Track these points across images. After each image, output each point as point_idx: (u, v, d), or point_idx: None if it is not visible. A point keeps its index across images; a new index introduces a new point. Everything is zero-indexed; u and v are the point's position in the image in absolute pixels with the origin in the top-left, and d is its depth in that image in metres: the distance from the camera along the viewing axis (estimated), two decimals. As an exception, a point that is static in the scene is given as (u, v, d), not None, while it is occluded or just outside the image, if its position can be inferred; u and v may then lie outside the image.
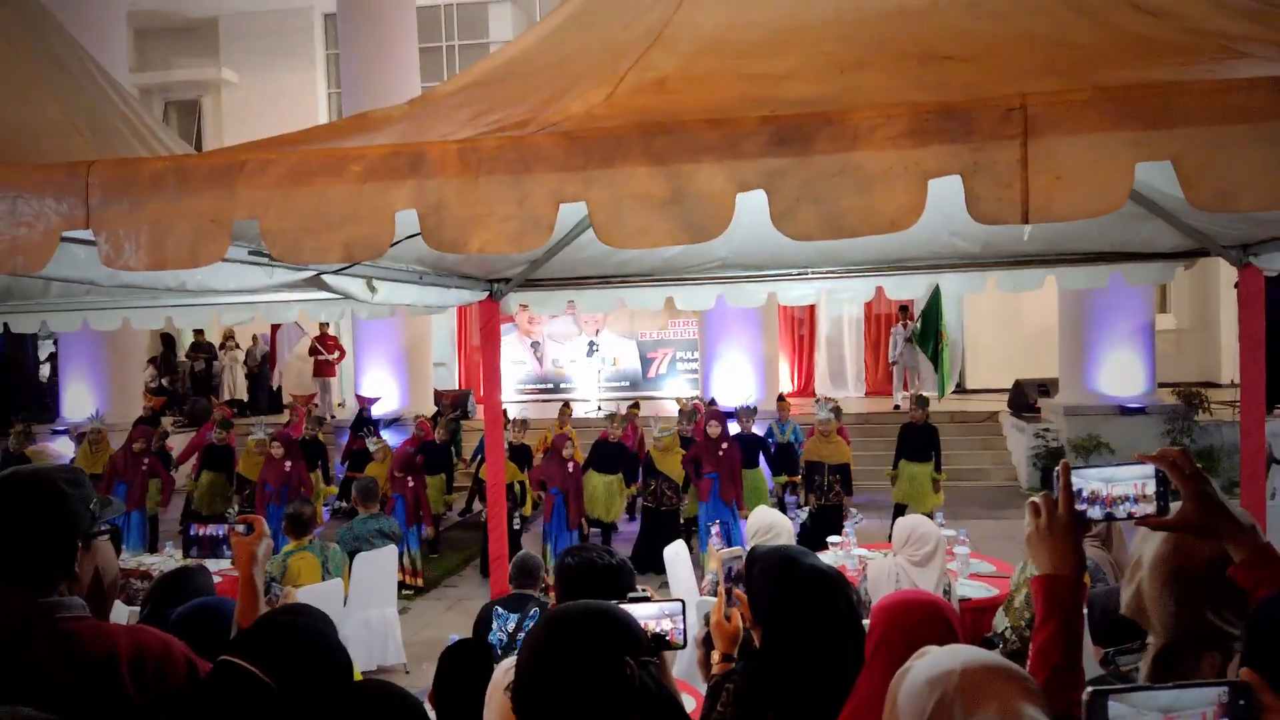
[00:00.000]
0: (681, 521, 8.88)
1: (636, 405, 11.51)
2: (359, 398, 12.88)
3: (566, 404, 11.36)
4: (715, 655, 2.34)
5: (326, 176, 2.04)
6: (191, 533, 2.23)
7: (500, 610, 4.37)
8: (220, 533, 2.19)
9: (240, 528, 2.13)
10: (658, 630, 1.97)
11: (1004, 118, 1.74)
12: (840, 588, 2.08)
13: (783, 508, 9.04)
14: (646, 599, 2.09)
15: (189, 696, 1.61)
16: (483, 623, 4.37)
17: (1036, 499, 1.60)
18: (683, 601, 2.06)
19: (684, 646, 2.04)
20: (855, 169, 1.85)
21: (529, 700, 1.40)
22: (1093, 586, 3.73)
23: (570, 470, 8.59)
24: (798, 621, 2.02)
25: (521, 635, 4.39)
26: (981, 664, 1.24)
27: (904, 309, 15.01)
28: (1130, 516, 1.56)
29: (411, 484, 9.02)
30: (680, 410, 9.72)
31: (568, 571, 2.30)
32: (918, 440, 9.07)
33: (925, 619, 1.84)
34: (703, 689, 2.42)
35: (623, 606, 1.65)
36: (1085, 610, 1.64)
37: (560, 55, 2.80)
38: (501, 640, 4.37)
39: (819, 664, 1.99)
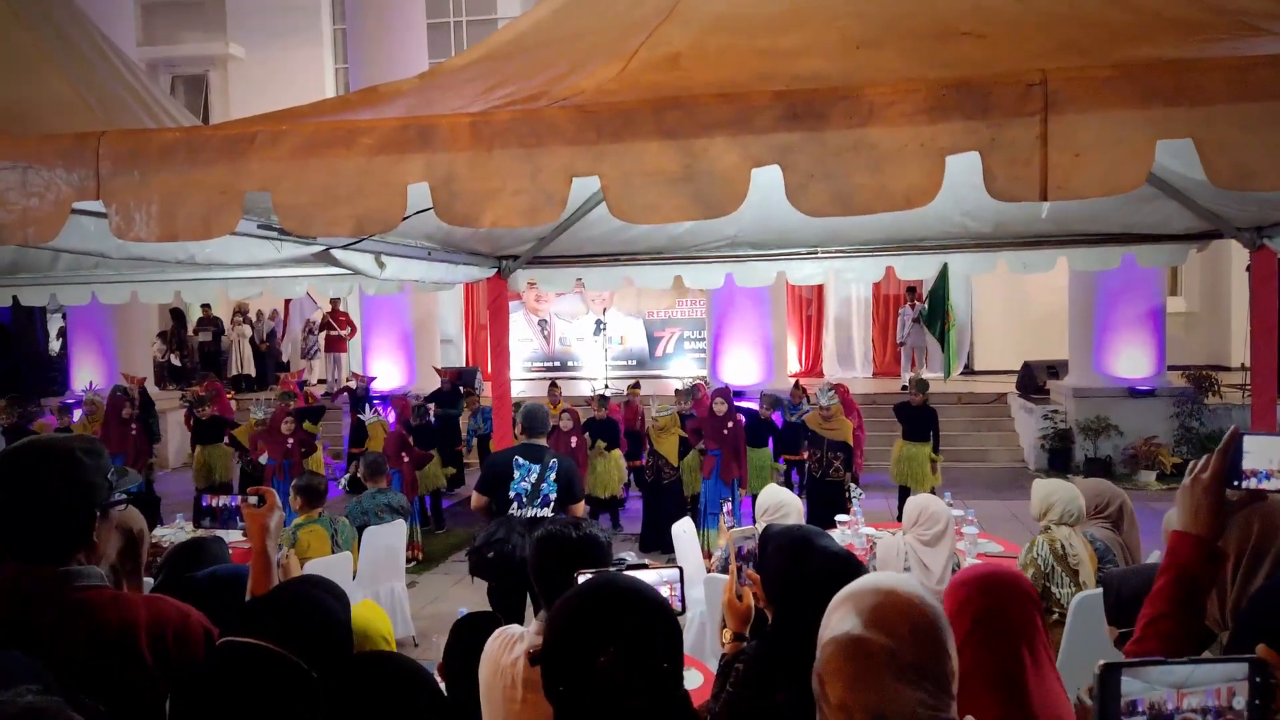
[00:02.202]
0: (687, 496, 8.91)
1: (637, 385, 11.52)
2: (354, 375, 12.96)
3: (554, 383, 11.40)
4: (726, 634, 2.34)
5: (338, 149, 2.03)
6: (204, 504, 2.24)
7: (520, 460, 4.69)
8: (233, 503, 2.19)
9: (253, 499, 2.14)
10: None
11: (1024, 94, 1.72)
12: (854, 570, 2.07)
13: (789, 487, 9.05)
14: (644, 566, 2.11)
15: (198, 677, 1.62)
16: (501, 470, 4.62)
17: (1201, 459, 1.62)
18: (680, 569, 2.09)
19: (682, 612, 2.08)
20: (870, 145, 1.83)
21: (555, 674, 1.41)
22: (1102, 569, 3.73)
23: (574, 445, 8.67)
24: (810, 603, 2.01)
25: (544, 486, 4.74)
26: (863, 632, 1.26)
27: (911, 290, 14.95)
28: None
29: (406, 460, 9.11)
30: (677, 390, 9.71)
31: (543, 544, 2.31)
32: (916, 421, 9.10)
33: (1019, 598, 1.77)
34: (711, 664, 2.43)
35: (634, 575, 1.67)
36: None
37: (571, 31, 2.78)
38: (525, 489, 4.68)
39: None
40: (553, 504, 4.83)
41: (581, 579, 2.01)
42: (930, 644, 1.25)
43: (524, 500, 4.72)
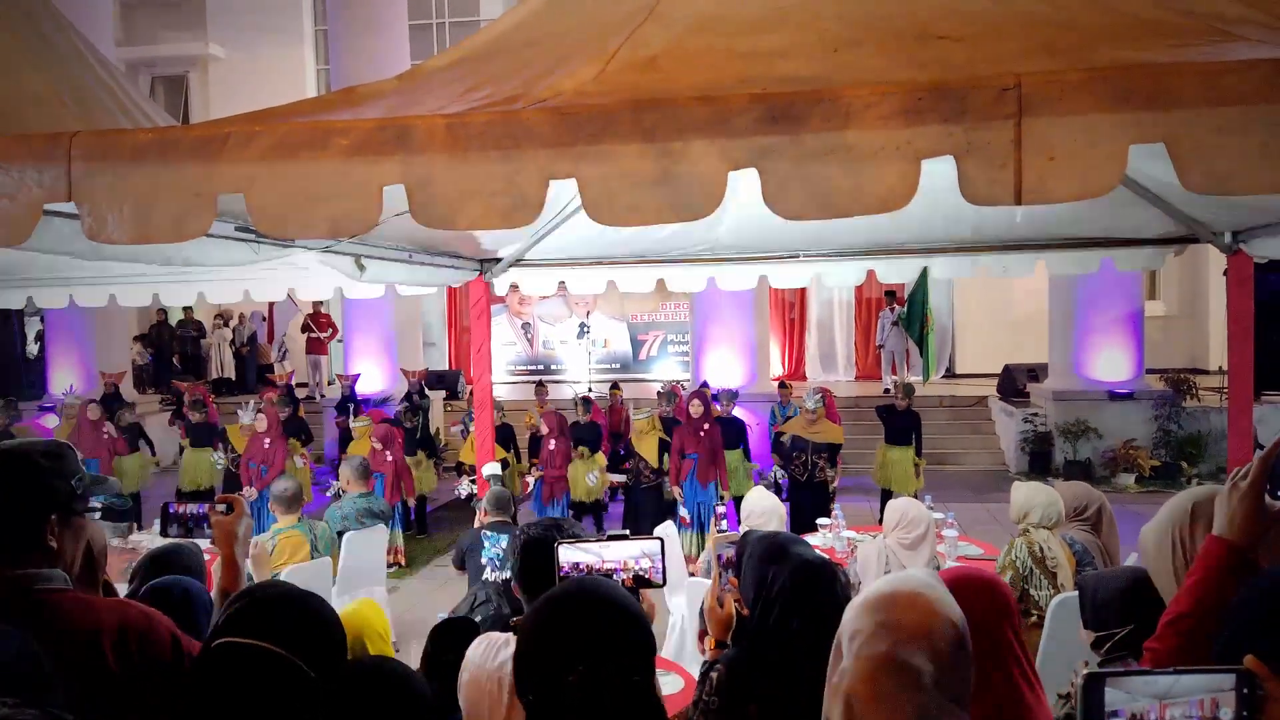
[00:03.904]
0: (667, 499, 8.89)
1: (617, 386, 11.47)
2: (340, 376, 12.87)
3: (542, 383, 11.36)
4: (708, 642, 2.33)
5: (312, 150, 2.01)
6: (170, 510, 2.20)
7: (489, 533, 5.06)
8: (201, 511, 2.16)
9: (220, 507, 2.10)
10: (637, 569, 2.00)
11: (998, 98, 1.72)
12: (826, 580, 2.05)
13: (778, 490, 9.04)
14: (625, 536, 2.11)
15: (192, 680, 1.58)
16: (471, 545, 5.07)
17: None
18: (661, 539, 2.09)
19: (663, 585, 2.09)
20: (847, 148, 1.83)
21: (525, 682, 1.40)
22: (1080, 571, 3.75)
23: (552, 449, 8.67)
24: (783, 609, 2.00)
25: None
26: (882, 649, 1.22)
27: (891, 294, 14.99)
28: None
29: (391, 459, 9.01)
30: (659, 393, 9.69)
31: (527, 546, 2.30)
32: (900, 425, 9.14)
33: (988, 605, 1.71)
34: (693, 669, 2.41)
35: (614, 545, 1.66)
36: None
37: (551, 31, 2.77)
38: (497, 555, 5.06)
39: (801, 657, 1.97)
40: None
41: (562, 551, 2.02)
42: (963, 664, 1.23)
43: (497, 564, 4.99)
